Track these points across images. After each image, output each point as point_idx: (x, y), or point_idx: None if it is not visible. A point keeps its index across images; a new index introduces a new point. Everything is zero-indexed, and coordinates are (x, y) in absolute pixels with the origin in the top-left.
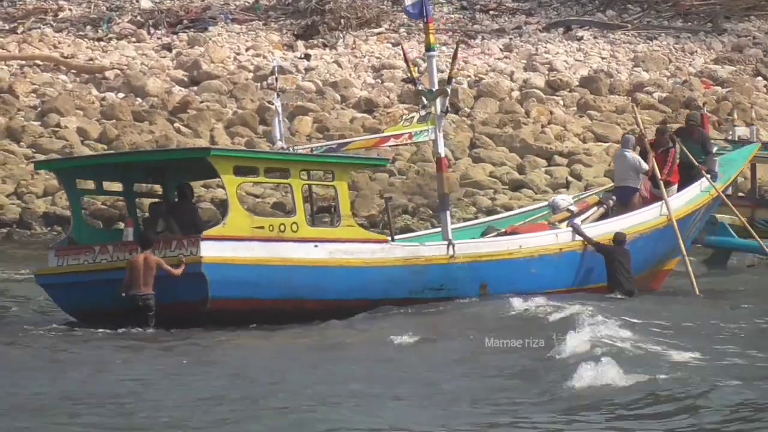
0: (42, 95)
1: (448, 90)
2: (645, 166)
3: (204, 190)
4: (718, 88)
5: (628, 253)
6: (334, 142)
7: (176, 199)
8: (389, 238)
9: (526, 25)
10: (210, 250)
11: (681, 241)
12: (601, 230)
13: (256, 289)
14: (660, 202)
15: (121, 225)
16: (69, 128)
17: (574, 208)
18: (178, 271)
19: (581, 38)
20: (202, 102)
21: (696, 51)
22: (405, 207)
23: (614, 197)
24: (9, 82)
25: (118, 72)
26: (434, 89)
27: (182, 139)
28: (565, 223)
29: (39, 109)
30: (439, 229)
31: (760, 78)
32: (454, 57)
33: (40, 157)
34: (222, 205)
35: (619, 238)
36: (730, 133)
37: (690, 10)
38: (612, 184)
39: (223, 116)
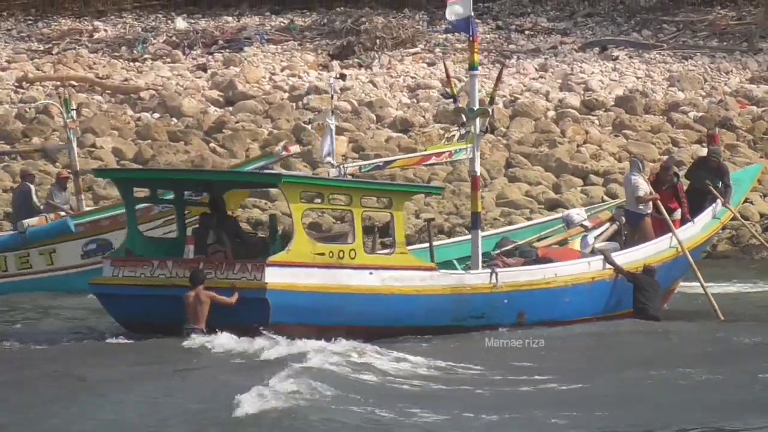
0: (78, 115)
1: (490, 110)
2: (640, 192)
3: (240, 210)
4: (754, 108)
5: (659, 285)
6: (381, 160)
7: (210, 211)
8: (437, 266)
9: (562, 45)
10: (274, 277)
11: (696, 270)
12: (620, 261)
13: (313, 316)
14: (669, 234)
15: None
16: (105, 148)
17: (587, 224)
18: (233, 300)
19: (616, 58)
20: (237, 122)
21: (731, 70)
22: (441, 227)
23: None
24: (45, 104)
25: (154, 92)
26: (475, 108)
27: (218, 160)
28: (579, 238)
29: None
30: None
31: None
32: (498, 77)
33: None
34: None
35: (648, 269)
36: None
37: (725, 29)
38: (623, 199)
39: (259, 136)
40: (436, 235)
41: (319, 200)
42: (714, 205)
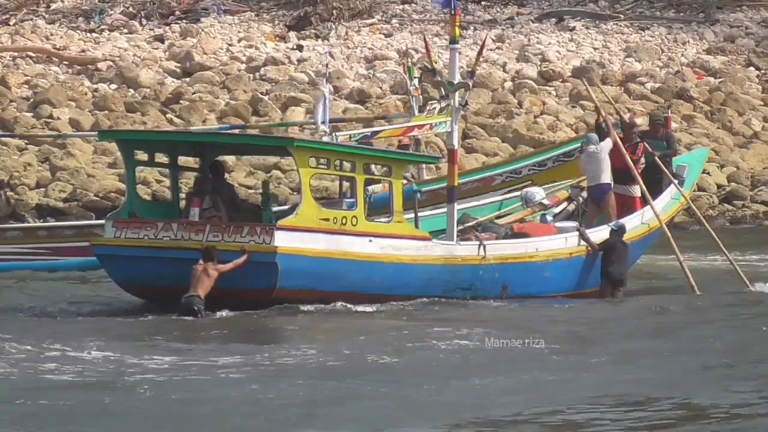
0: (34, 86)
1: (470, 84)
2: (607, 140)
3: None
4: (711, 79)
5: (627, 247)
6: (368, 130)
7: (211, 175)
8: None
9: (519, 16)
10: (284, 241)
11: (674, 244)
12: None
13: (318, 281)
14: (641, 210)
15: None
16: (61, 119)
17: (546, 202)
18: (240, 261)
19: (573, 29)
20: (194, 93)
21: (688, 41)
22: None
23: (583, 195)
24: (1, 74)
25: (111, 63)
26: (455, 81)
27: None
28: (538, 216)
29: (31, 100)
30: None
31: (752, 68)
32: (480, 51)
33: (33, 148)
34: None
35: (618, 228)
36: None
37: (682, 0)
38: (580, 177)
39: (216, 107)
40: None
41: (324, 166)
42: (670, 187)
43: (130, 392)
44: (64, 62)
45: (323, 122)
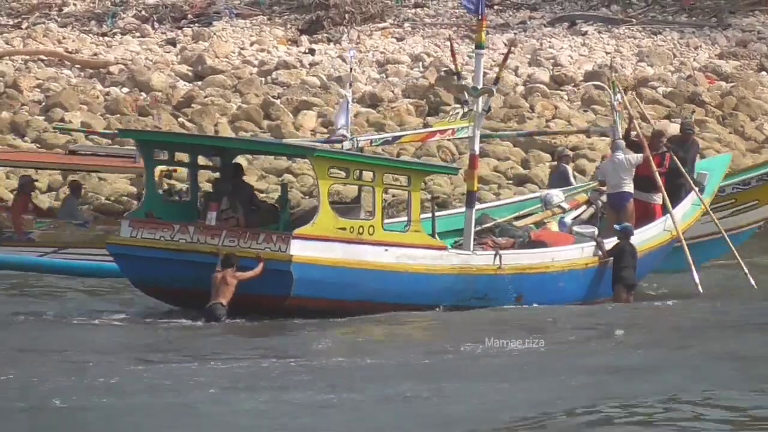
0: (46, 90)
1: (494, 90)
2: (639, 157)
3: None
4: (723, 83)
5: (635, 250)
6: (389, 135)
7: (230, 176)
8: (447, 246)
9: (531, 20)
10: (299, 249)
11: (689, 256)
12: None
13: (333, 290)
14: (664, 218)
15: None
16: (73, 123)
17: (565, 205)
18: (258, 270)
19: (585, 33)
20: (206, 97)
21: (700, 46)
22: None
23: (602, 200)
24: (13, 77)
25: (123, 67)
26: (479, 87)
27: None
28: (557, 219)
29: (43, 104)
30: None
31: (764, 73)
32: (505, 58)
33: (43, 151)
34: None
35: (627, 230)
36: None
37: (694, 5)
38: (598, 181)
39: (228, 111)
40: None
41: (344, 175)
42: (691, 194)
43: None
44: (76, 66)
45: (343, 126)
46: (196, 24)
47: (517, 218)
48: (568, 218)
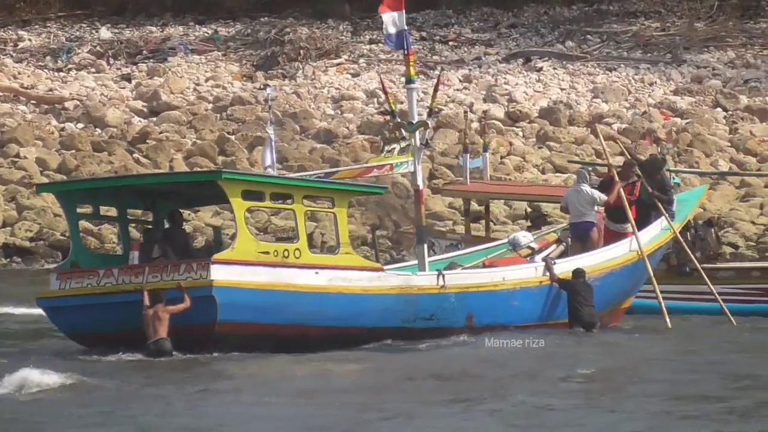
0: (1, 126)
1: (429, 122)
2: (603, 197)
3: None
4: (678, 119)
5: (591, 288)
6: (323, 171)
7: (168, 226)
8: (384, 267)
9: (486, 56)
10: (220, 274)
11: (653, 275)
12: (577, 265)
13: (263, 314)
14: (629, 238)
15: (118, 250)
16: (28, 159)
17: (534, 246)
18: (188, 304)
19: (541, 69)
20: (161, 132)
21: (655, 82)
22: (364, 238)
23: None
24: None
25: (78, 102)
26: (414, 121)
27: (141, 170)
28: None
29: None
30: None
31: (719, 109)
32: (435, 89)
33: (0, 187)
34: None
35: (577, 272)
36: None
37: (650, 41)
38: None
39: (183, 147)
40: (359, 246)
41: (260, 199)
42: (660, 219)
43: None
44: (32, 101)
45: (270, 166)
46: (151, 60)
47: (485, 264)
48: (538, 258)
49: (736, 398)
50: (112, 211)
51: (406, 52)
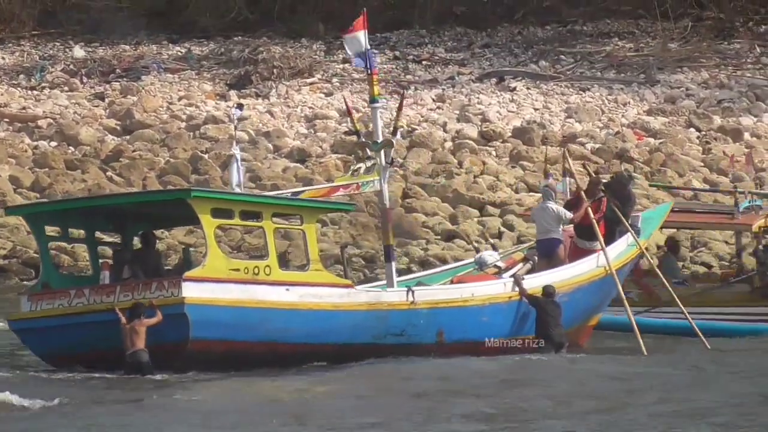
0: None
1: (394, 141)
2: (569, 214)
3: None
4: (651, 140)
5: (559, 306)
6: (290, 191)
7: (140, 246)
8: (354, 284)
9: (459, 76)
10: (192, 291)
11: (621, 291)
12: (544, 280)
13: (235, 331)
14: (596, 254)
15: (88, 272)
16: (2, 176)
17: (501, 264)
18: (159, 318)
19: (514, 89)
20: (134, 151)
21: (629, 102)
22: (337, 257)
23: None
24: None
25: (51, 121)
26: (379, 141)
27: (115, 188)
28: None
29: None
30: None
31: (692, 129)
32: (399, 108)
33: None
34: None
35: (548, 291)
36: None
37: (623, 61)
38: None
39: (156, 165)
40: (332, 264)
41: (229, 217)
42: (626, 235)
43: None
44: (5, 119)
45: (238, 185)
46: (125, 78)
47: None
48: (506, 276)
49: None
50: (81, 233)
51: (369, 71)
